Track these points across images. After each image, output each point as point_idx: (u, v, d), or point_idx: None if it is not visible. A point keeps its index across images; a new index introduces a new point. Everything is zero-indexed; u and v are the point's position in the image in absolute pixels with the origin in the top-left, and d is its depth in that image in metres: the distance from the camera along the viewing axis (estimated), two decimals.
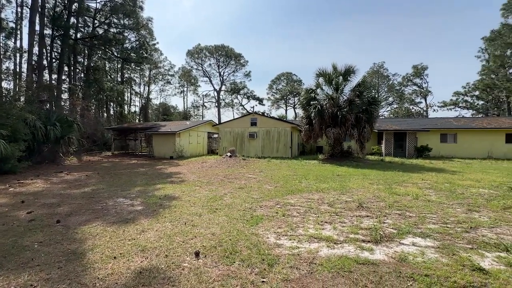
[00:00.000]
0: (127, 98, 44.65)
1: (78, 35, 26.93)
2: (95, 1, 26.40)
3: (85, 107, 25.31)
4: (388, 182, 8.57)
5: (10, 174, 10.59)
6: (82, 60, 31.22)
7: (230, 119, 22.83)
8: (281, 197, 6.40)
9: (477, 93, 40.29)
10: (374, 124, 16.57)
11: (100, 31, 27.87)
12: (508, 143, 19.78)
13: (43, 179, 9.68)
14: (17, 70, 24.60)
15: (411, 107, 48.64)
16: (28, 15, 21.05)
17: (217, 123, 28.02)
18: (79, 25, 27.06)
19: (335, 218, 4.75)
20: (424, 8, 67.95)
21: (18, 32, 25.19)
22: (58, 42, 25.37)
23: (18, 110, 12.88)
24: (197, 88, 55.67)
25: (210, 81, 53.51)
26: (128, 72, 41.86)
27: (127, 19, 27.77)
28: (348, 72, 16.16)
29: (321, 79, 16.96)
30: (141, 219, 4.74)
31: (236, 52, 50.63)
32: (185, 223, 4.49)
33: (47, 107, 18.76)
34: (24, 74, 22.46)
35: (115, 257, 3.21)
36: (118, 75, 40.64)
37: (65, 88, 27.13)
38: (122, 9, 25.95)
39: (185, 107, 56.01)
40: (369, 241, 3.67)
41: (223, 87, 54.52)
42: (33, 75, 20.73)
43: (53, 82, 24.84)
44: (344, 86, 16.60)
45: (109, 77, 37.41)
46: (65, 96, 26.53)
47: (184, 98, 55.88)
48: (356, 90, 16.04)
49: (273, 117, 24.61)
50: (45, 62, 23.49)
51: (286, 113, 58.27)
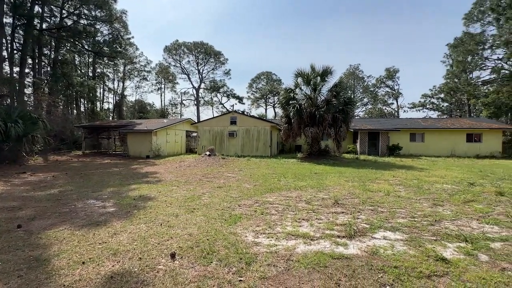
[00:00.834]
0: (100, 94, 42.41)
1: (44, 26, 24.99)
2: None
3: (52, 103, 23.62)
4: (362, 179, 8.94)
5: None
6: (49, 53, 29.07)
7: (209, 118, 22.53)
8: (260, 196, 6.43)
9: (442, 95, 43.26)
10: (350, 124, 17.19)
11: (69, 22, 26.08)
12: (468, 142, 21.50)
13: (2, 181, 8.89)
14: None
15: (384, 107, 51.13)
16: None
17: (196, 121, 27.49)
18: (45, 14, 25.10)
19: (312, 215, 4.86)
20: (396, 14, 71.66)
21: None
22: (21, 32, 23.38)
23: None
24: (175, 85, 54.26)
25: (189, 78, 52.44)
26: (101, 67, 39.74)
27: (99, 10, 26.23)
28: (326, 73, 16.59)
29: (299, 79, 17.26)
30: (113, 221, 4.52)
31: (215, 50, 50.01)
32: (161, 224, 4.36)
33: (7, 102, 17.23)
34: None
35: (83, 262, 3.03)
36: (90, 70, 38.45)
37: (29, 82, 25.09)
38: None
39: (163, 105, 54.32)
40: (343, 237, 3.80)
41: (203, 85, 53.63)
42: None
43: (14, 75, 22.85)
44: (322, 86, 17.05)
45: (79, 72, 35.26)
46: (28, 91, 24.52)
47: (161, 95, 54.21)
48: (333, 91, 16.54)
49: (253, 116, 24.68)
50: (5, 53, 21.52)
51: (266, 112, 58.70)
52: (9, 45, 23.11)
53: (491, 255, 3.21)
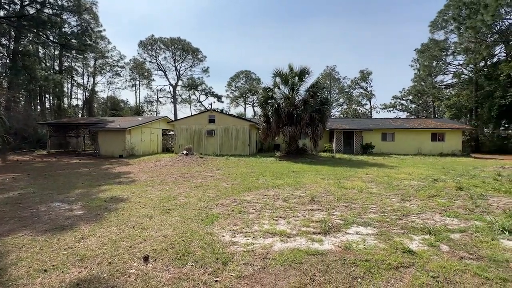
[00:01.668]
0: (67, 89, 39.77)
1: (1, 13, 22.83)
2: None
3: (12, 98, 21.67)
4: (337, 177, 9.26)
5: None
6: (8, 43, 26.61)
7: (187, 116, 22.02)
8: (238, 195, 6.41)
9: (410, 97, 46.14)
10: (326, 123, 17.72)
11: (31, 11, 24.05)
12: (433, 141, 23.13)
13: None
14: None
15: (358, 108, 53.33)
16: None
17: (173, 119, 26.74)
18: (3, 1, 22.93)
19: (289, 213, 4.93)
20: (370, 18, 75.01)
21: None
22: None
23: None
24: (151, 82, 52.38)
25: (166, 75, 50.84)
26: (68, 60, 37.21)
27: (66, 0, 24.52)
28: (303, 73, 16.93)
29: (278, 79, 17.44)
30: (81, 225, 4.25)
31: (193, 47, 48.99)
32: (134, 226, 4.17)
33: None
34: None
35: (45, 270, 2.81)
36: (56, 63, 35.81)
37: None
38: None
39: (137, 102, 52.18)
40: (319, 233, 3.90)
41: (180, 82, 52.33)
42: None
43: None
44: (300, 86, 17.38)
45: (43, 65, 32.69)
46: None
47: (136, 92, 52.02)
48: (311, 91, 16.92)
49: (231, 115, 24.53)
50: None
51: (245, 111, 58.65)
52: None
53: (451, 245, 3.47)
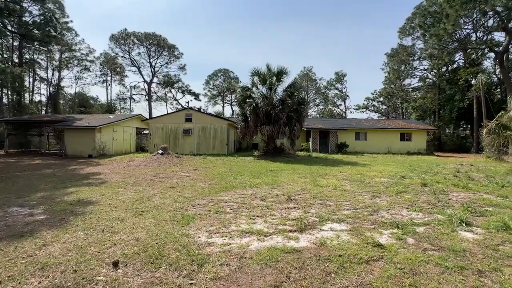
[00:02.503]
0: (29, 84, 36.63)
1: None
2: None
3: None
4: (313, 175, 9.50)
5: None
6: None
7: (162, 114, 21.33)
8: (215, 195, 6.32)
9: (381, 99, 48.65)
10: (303, 123, 18.10)
11: None
12: (401, 141, 24.61)
13: None
14: None
15: (333, 108, 55.16)
16: None
17: (148, 118, 25.76)
18: None
19: (266, 211, 4.96)
20: (345, 21, 77.88)
21: None
22: None
23: None
24: (124, 78, 49.92)
25: (140, 71, 48.74)
26: (30, 52, 34.29)
27: None
28: (281, 73, 17.13)
29: (256, 78, 17.49)
30: (42, 231, 3.93)
31: (169, 43, 47.43)
32: (103, 230, 3.94)
33: None
34: None
35: (0, 282, 2.56)
36: (15, 55, 32.83)
37: None
38: None
39: (109, 99, 49.53)
40: (295, 231, 3.96)
41: (155, 79, 50.43)
42: None
43: None
44: (277, 86, 17.56)
45: (0, 57, 29.81)
46: None
47: (107, 88, 49.32)
48: (288, 91, 17.18)
49: (209, 114, 24.18)
50: None
51: (223, 109, 58.09)
52: None
53: (416, 238, 3.70)
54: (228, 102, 58.31)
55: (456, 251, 3.26)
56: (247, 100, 17.22)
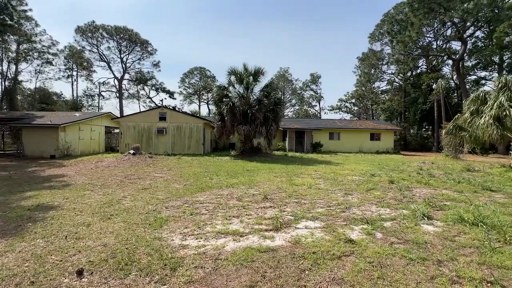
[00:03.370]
0: None
1: None
2: None
3: None
4: (289, 174, 9.66)
5: None
6: None
7: (135, 112, 20.38)
8: (190, 195, 6.17)
9: (353, 100, 50.92)
10: (279, 123, 18.35)
11: None
12: (371, 140, 25.95)
13: None
14: None
15: (308, 109, 56.66)
16: None
17: (119, 116, 24.46)
18: None
19: (242, 211, 4.94)
20: (321, 24, 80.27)
21: None
22: None
23: None
24: (92, 73, 46.90)
25: (109, 67, 46.15)
26: None
27: None
28: (258, 73, 17.20)
29: (233, 77, 17.39)
30: None
31: (142, 38, 45.47)
32: (66, 236, 3.66)
33: None
34: None
35: None
36: None
37: None
38: None
39: (75, 95, 46.23)
40: (271, 230, 3.99)
41: (127, 76, 48.08)
42: None
43: None
44: (254, 86, 17.62)
45: None
46: None
47: (73, 84, 46.01)
48: (265, 91, 17.31)
49: (184, 112, 23.59)
50: None
51: (199, 108, 56.99)
52: None
53: (384, 232, 3.92)
54: (205, 101, 57.36)
55: (419, 243, 3.50)
56: (224, 100, 17.07)
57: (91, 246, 3.34)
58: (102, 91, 48.25)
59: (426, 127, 38.05)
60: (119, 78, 46.83)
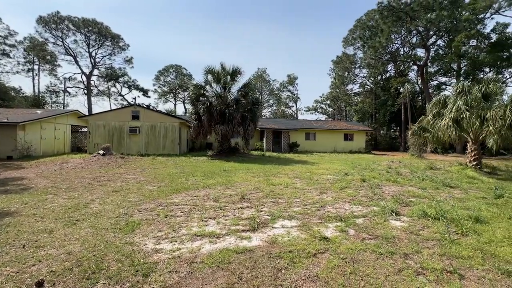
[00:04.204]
0: None
1: None
2: None
3: None
4: (266, 174, 9.73)
5: None
6: None
7: (105, 110, 19.27)
8: (165, 197, 5.96)
9: (328, 102, 52.64)
10: (257, 123, 18.42)
11: None
12: (345, 141, 27.00)
13: None
14: None
15: (286, 109, 57.55)
16: None
17: (87, 114, 22.98)
18: None
19: (219, 212, 4.87)
20: (299, 26, 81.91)
21: None
22: None
23: None
24: (56, 68, 43.47)
25: (76, 61, 43.11)
26: None
27: None
28: (235, 73, 17.11)
29: (210, 76, 17.12)
30: None
31: (113, 32, 43.08)
32: (24, 245, 3.34)
33: None
34: None
35: None
36: None
37: None
38: None
39: (36, 91, 42.57)
40: (248, 230, 3.98)
41: (96, 72, 45.26)
42: None
43: None
44: (232, 85, 17.50)
45: None
46: None
47: (34, 79, 42.29)
48: (242, 91, 17.27)
49: (159, 111, 22.80)
50: None
51: (175, 107, 55.35)
52: None
53: (356, 229, 4.08)
54: (181, 99, 55.88)
55: (388, 238, 3.70)
56: (201, 99, 16.75)
57: (54, 255, 3.09)
58: (68, 87, 44.97)
59: (394, 128, 40.50)
60: (87, 73, 43.96)
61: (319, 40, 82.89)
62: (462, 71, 32.03)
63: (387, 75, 40.72)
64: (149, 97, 51.57)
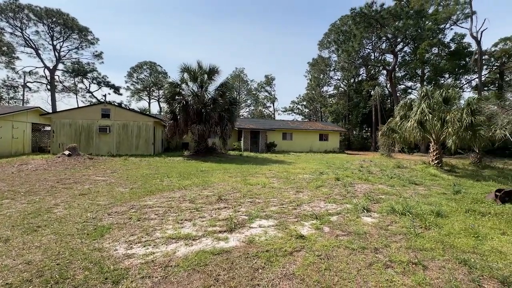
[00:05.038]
0: None
1: None
2: None
3: None
4: (244, 174, 9.72)
5: None
6: None
7: (71, 108, 17.98)
8: (138, 200, 5.70)
9: (304, 103, 53.95)
10: (235, 123, 18.34)
11: None
12: (320, 141, 27.85)
13: None
14: None
15: (263, 109, 57.99)
16: None
17: (50, 111, 21.30)
18: None
19: (195, 214, 4.77)
20: (277, 27, 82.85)
21: None
22: None
23: None
24: (14, 60, 39.70)
25: (38, 54, 39.72)
26: None
27: None
28: (213, 72, 16.89)
29: (186, 75, 16.73)
30: None
31: (81, 25, 40.32)
32: None
33: None
34: None
35: None
36: None
37: None
38: None
39: None
40: (225, 231, 3.94)
41: (61, 66, 42.06)
42: None
43: None
44: (209, 84, 17.26)
45: None
46: None
47: None
48: (220, 90, 17.08)
49: (132, 109, 21.82)
50: None
51: (149, 106, 53.35)
52: None
53: (331, 226, 4.22)
54: (155, 98, 53.94)
55: (360, 234, 3.87)
56: (177, 97, 16.29)
57: (10, 266, 2.81)
58: (28, 82, 41.34)
59: (366, 128, 42.56)
60: (51, 68, 40.72)
61: (297, 42, 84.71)
62: (426, 76, 34.63)
63: (359, 78, 42.73)
64: (121, 94, 49.13)
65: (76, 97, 45.82)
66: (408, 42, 34.28)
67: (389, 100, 39.62)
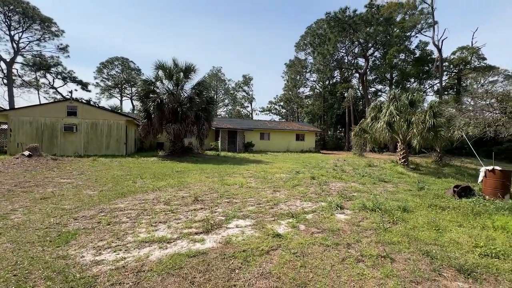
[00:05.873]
0: None
1: None
2: None
3: None
4: (221, 174, 9.62)
5: None
6: None
7: (32, 105, 16.52)
8: (108, 203, 5.40)
9: (282, 103, 54.75)
10: (212, 122, 18.07)
11: None
12: (297, 141, 28.43)
13: None
14: None
15: (241, 109, 57.89)
16: None
17: (7, 108, 19.42)
18: None
19: (170, 216, 4.62)
20: (254, 27, 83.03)
21: None
22: None
23: None
24: None
25: None
26: None
27: None
28: (189, 70, 16.49)
29: (161, 72, 16.15)
30: None
31: (43, 15, 37.22)
32: None
33: None
34: None
35: None
36: None
37: None
38: None
39: None
40: (201, 232, 3.87)
41: (20, 59, 38.55)
42: None
43: None
44: (185, 83, 16.81)
45: None
46: None
47: None
48: (196, 89, 16.74)
49: (102, 107, 20.63)
50: None
51: (121, 104, 50.80)
52: None
53: (306, 224, 4.33)
54: (128, 96, 51.48)
55: (334, 230, 4.01)
56: (151, 95, 15.68)
57: None
58: None
59: (340, 129, 44.26)
60: (8, 60, 37.15)
61: (274, 43, 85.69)
62: (394, 80, 36.85)
63: (334, 80, 44.32)
64: (89, 91, 46.11)
65: (38, 93, 42.24)
66: (378, 48, 36.25)
67: (361, 102, 41.55)
